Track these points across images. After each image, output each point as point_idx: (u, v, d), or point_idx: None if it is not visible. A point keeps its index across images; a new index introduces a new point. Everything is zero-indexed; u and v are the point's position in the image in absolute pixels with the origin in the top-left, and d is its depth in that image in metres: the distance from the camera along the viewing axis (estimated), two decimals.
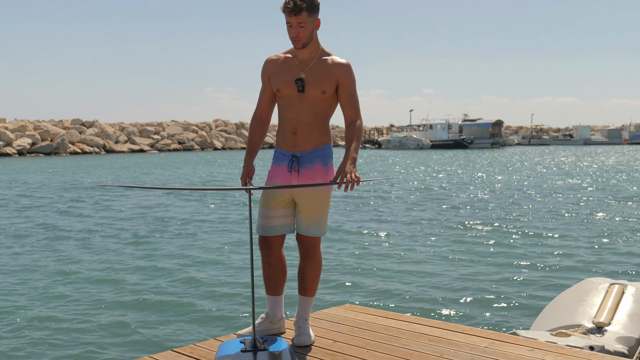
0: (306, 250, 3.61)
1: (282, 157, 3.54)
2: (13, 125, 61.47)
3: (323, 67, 3.45)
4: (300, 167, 3.48)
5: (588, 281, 5.04)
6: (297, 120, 3.47)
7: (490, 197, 20.50)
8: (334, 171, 3.53)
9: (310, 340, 3.58)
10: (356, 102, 3.49)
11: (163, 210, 17.40)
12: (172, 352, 3.52)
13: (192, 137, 74.47)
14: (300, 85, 3.42)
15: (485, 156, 56.12)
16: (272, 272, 3.64)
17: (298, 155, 3.49)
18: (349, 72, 3.47)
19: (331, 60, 3.47)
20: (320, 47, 3.50)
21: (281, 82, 3.47)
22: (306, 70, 3.45)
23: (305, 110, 3.46)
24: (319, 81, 3.43)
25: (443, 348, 3.54)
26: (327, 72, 3.44)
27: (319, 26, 3.44)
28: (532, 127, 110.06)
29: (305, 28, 3.35)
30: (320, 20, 3.43)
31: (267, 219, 3.55)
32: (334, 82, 3.44)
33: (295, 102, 3.46)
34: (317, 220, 3.53)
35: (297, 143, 3.49)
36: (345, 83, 3.46)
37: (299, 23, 3.33)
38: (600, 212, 16.36)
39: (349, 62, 3.50)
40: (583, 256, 10.62)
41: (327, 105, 3.49)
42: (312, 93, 3.43)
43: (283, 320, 3.79)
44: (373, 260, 10.36)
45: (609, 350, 3.82)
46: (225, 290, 8.45)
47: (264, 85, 3.58)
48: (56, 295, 8.29)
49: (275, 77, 3.50)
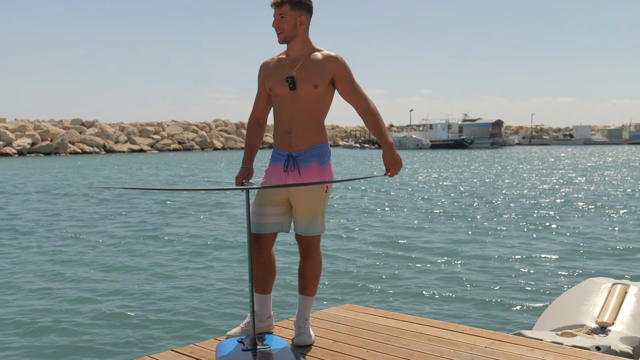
0: (305, 249, 3.61)
1: (279, 156, 3.56)
2: (13, 125, 61.47)
3: (314, 62, 3.45)
4: (297, 167, 3.49)
5: (590, 281, 5.03)
6: (291, 120, 3.48)
7: (490, 197, 20.50)
8: (330, 170, 3.54)
9: (310, 339, 3.58)
10: (359, 88, 3.51)
11: (162, 210, 17.41)
12: (172, 352, 3.52)
13: (192, 137, 74.47)
14: (291, 83, 3.43)
15: (485, 156, 56.11)
16: (261, 270, 3.62)
17: (294, 154, 3.50)
18: (342, 63, 3.48)
19: (321, 55, 3.48)
20: (311, 44, 3.51)
21: (273, 81, 3.50)
22: (297, 68, 3.45)
23: (298, 109, 3.46)
24: (310, 77, 3.43)
25: (443, 348, 3.54)
26: (319, 66, 3.44)
27: (304, 23, 3.44)
28: (533, 127, 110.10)
29: (285, 21, 3.39)
30: (306, 19, 3.44)
31: (260, 217, 3.56)
32: (327, 76, 3.44)
33: (288, 102, 3.47)
34: (312, 219, 3.54)
35: (292, 143, 3.50)
36: (341, 74, 3.47)
37: (280, 14, 3.39)
38: (602, 212, 16.36)
39: (338, 54, 3.51)
40: (584, 256, 10.62)
41: (321, 103, 3.49)
42: (304, 89, 3.44)
43: (271, 319, 3.79)
44: (373, 260, 10.35)
45: (615, 350, 3.81)
46: (225, 290, 8.45)
47: (259, 88, 3.62)
48: (55, 296, 8.29)
49: (268, 77, 3.53)
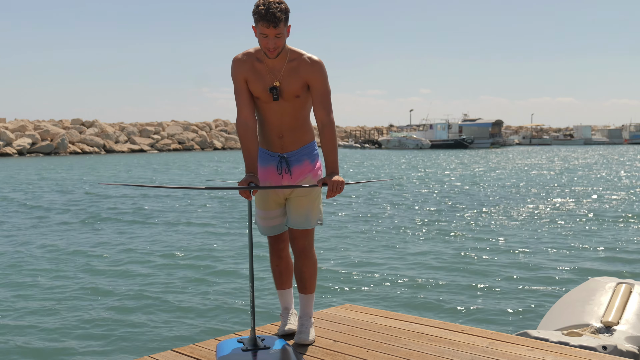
0: (301, 249, 3.63)
1: (269, 157, 3.53)
2: (13, 125, 61.44)
3: (293, 71, 3.36)
4: (290, 167, 3.50)
5: (595, 280, 5.02)
6: (281, 125, 3.45)
7: (491, 197, 20.49)
8: (321, 166, 3.57)
9: (309, 339, 3.59)
10: (327, 102, 3.40)
11: (162, 210, 17.40)
12: (172, 352, 3.52)
13: (192, 137, 74.44)
14: (275, 93, 3.36)
15: (485, 156, 56.10)
16: (284, 265, 3.74)
17: (286, 156, 3.50)
18: (318, 70, 3.37)
19: (300, 61, 3.37)
20: (289, 49, 3.38)
21: (259, 91, 3.39)
22: (279, 77, 3.37)
23: (286, 114, 3.43)
24: (292, 87, 3.37)
25: (443, 348, 3.54)
26: (298, 75, 3.36)
27: (289, 32, 3.33)
28: (533, 127, 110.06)
29: (281, 38, 3.25)
30: (290, 27, 3.32)
31: (268, 220, 3.62)
32: (305, 84, 3.39)
33: (275, 107, 3.41)
34: (307, 212, 3.56)
35: (284, 145, 3.49)
36: (314, 83, 3.38)
37: (276, 34, 3.21)
38: (604, 211, 16.36)
39: (320, 59, 3.40)
40: (589, 255, 10.62)
41: (306, 106, 3.48)
42: (288, 99, 3.40)
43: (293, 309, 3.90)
44: (373, 260, 10.35)
45: (621, 350, 3.81)
46: (225, 290, 8.45)
47: (240, 87, 3.42)
48: (55, 295, 8.29)
49: (252, 84, 3.40)
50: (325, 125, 3.40)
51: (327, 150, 3.41)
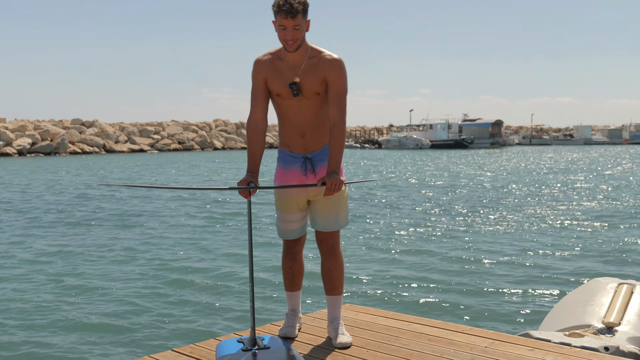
0: (329, 248, 3.62)
1: (292, 159, 3.52)
2: (13, 125, 61.43)
3: (314, 67, 3.38)
4: (315, 167, 3.49)
5: (596, 281, 5.01)
6: (303, 124, 3.45)
7: (491, 197, 20.49)
8: (343, 165, 3.57)
9: (350, 339, 3.60)
10: (342, 102, 3.39)
11: (162, 210, 17.40)
12: (172, 352, 3.52)
13: (192, 137, 74.43)
14: (295, 89, 3.37)
15: (485, 156, 56.10)
16: (298, 267, 3.77)
17: (310, 156, 3.49)
18: (337, 68, 3.38)
19: (320, 59, 3.39)
20: (309, 46, 3.41)
21: (279, 87, 3.40)
22: (299, 72, 3.38)
23: (308, 112, 3.43)
24: (311, 84, 3.38)
25: (443, 348, 3.54)
26: (318, 72, 3.37)
27: (309, 27, 3.36)
28: (533, 127, 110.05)
29: (300, 30, 3.26)
30: (310, 21, 3.35)
31: (288, 223, 3.61)
32: (324, 81, 3.39)
33: (296, 104, 3.42)
34: (335, 214, 3.55)
35: (307, 145, 3.49)
36: (332, 81, 3.38)
37: (294, 26, 3.23)
38: (605, 212, 16.36)
39: (340, 57, 3.40)
40: (590, 256, 10.61)
41: (326, 105, 3.47)
42: (308, 96, 3.40)
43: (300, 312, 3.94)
44: (373, 260, 10.35)
45: (623, 350, 3.80)
46: (225, 290, 8.44)
47: (258, 88, 3.44)
48: (55, 295, 8.29)
49: (271, 82, 3.42)
50: (336, 124, 3.37)
51: (334, 150, 3.37)
